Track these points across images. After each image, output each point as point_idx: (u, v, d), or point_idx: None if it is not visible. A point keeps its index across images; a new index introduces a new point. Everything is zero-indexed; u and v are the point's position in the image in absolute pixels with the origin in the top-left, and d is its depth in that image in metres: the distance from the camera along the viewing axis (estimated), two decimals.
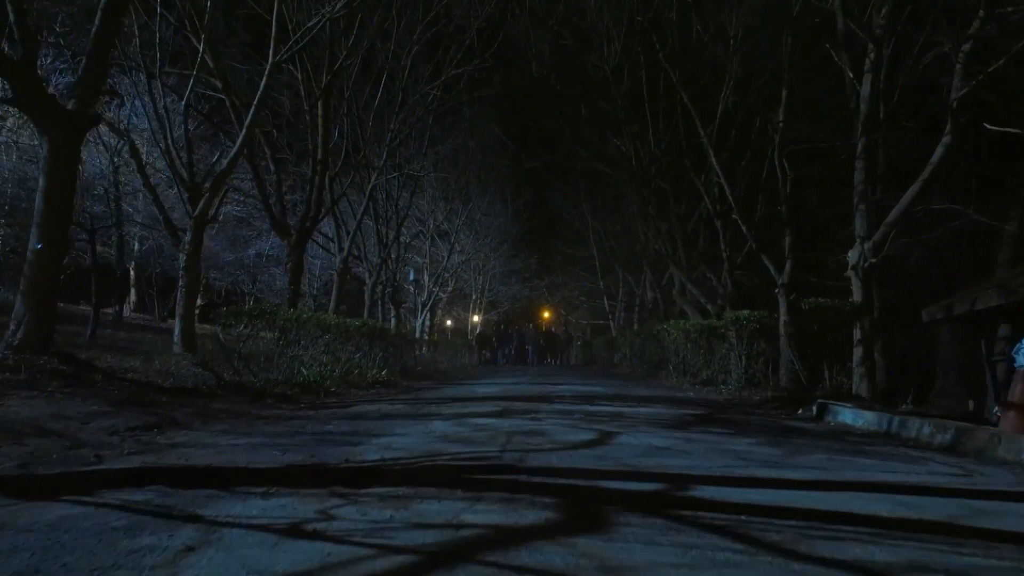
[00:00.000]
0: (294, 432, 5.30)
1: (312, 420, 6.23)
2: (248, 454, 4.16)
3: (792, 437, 5.26)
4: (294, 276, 15.29)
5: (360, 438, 4.84)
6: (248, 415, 6.82)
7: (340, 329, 10.94)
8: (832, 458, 4.24)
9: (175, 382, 8.82)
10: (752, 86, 18.03)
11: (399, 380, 13.21)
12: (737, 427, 5.82)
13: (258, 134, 16.22)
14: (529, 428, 5.21)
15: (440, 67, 18.69)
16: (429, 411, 6.85)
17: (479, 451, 4.15)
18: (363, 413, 6.81)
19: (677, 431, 5.22)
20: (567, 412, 6.60)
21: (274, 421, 6.19)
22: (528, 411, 6.61)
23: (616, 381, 13.68)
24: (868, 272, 12.80)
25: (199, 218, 12.20)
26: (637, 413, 6.57)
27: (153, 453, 4.32)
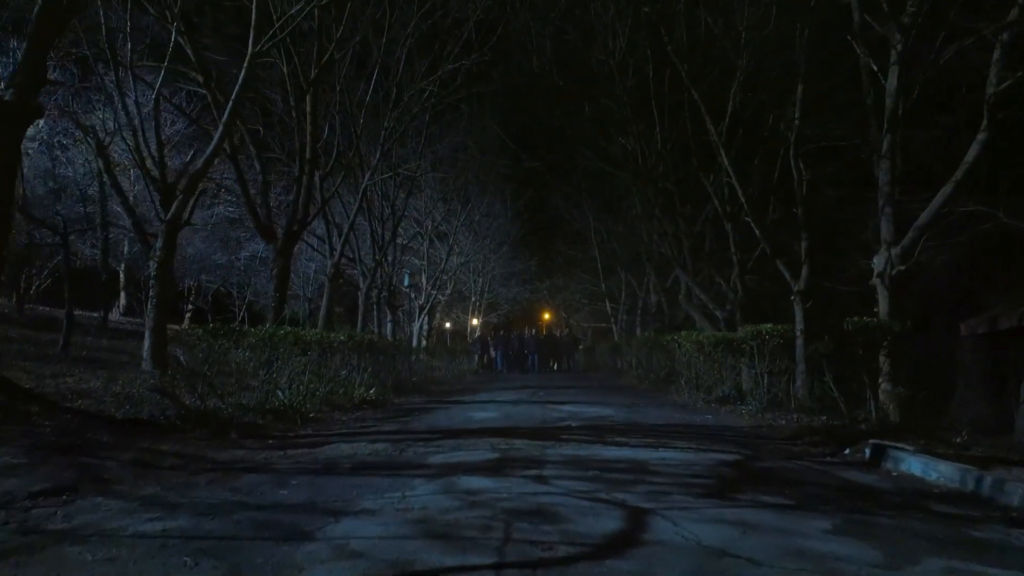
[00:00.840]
0: (235, 505, 4.08)
1: (269, 476, 5.00)
2: (145, 562, 2.95)
3: (871, 511, 4.04)
4: (280, 283, 14.06)
5: (314, 522, 3.62)
6: (198, 463, 5.60)
7: (323, 345, 9.73)
8: (952, 566, 3.03)
9: (130, 410, 7.60)
10: (763, 81, 16.77)
11: (390, 397, 11.98)
12: (791, 488, 4.61)
13: (243, 131, 15.00)
14: (534, 503, 3.98)
15: (437, 62, 17.44)
16: (413, 459, 5.63)
17: (467, 562, 2.93)
18: (334, 461, 5.58)
19: (725, 506, 4.00)
20: (578, 462, 5.38)
21: (223, 477, 4.97)
22: (531, 461, 5.38)
23: (625, 398, 12.45)
24: (896, 280, 11.60)
25: (172, 222, 10.98)
26: (664, 463, 5.34)
27: (24, 553, 3.11)
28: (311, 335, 9.43)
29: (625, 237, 26.63)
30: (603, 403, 11.18)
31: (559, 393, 13.28)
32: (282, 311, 14.11)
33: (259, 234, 14.70)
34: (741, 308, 17.25)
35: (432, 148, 23.11)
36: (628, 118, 17.70)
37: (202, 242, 24.42)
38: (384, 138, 17.27)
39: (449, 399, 12.27)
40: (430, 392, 14.45)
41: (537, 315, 38.98)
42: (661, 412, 9.89)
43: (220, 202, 23.76)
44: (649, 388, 14.65)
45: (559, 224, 29.37)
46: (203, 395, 7.77)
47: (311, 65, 14.25)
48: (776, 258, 15.28)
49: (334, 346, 10.04)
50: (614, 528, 3.46)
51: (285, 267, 14.25)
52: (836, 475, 5.29)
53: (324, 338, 9.70)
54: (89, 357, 14.08)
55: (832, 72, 16.24)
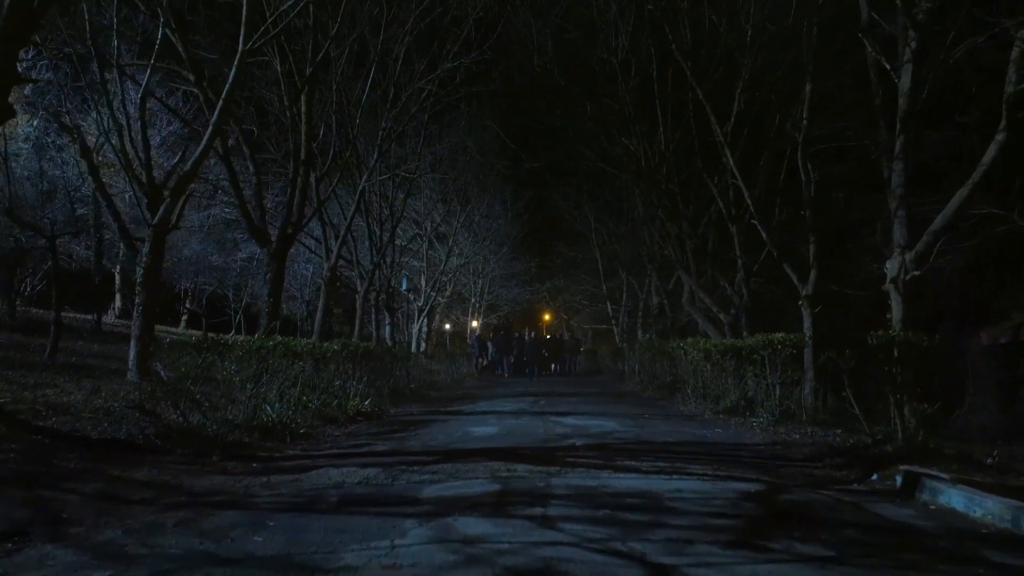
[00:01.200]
0: (201, 558, 3.55)
1: (246, 514, 4.47)
2: None
3: (923, 567, 3.52)
4: (274, 287, 13.53)
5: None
6: (171, 494, 5.07)
7: (315, 355, 9.20)
8: None
9: (107, 429, 7.06)
10: (769, 81, 16.24)
11: (386, 407, 11.46)
12: (826, 532, 4.09)
13: (237, 132, 14.46)
14: (540, 558, 3.45)
15: (436, 60, 16.91)
16: (405, 491, 5.10)
17: None
18: (320, 493, 5.05)
19: (759, 560, 3.48)
20: (587, 496, 4.85)
21: (195, 516, 4.43)
22: (535, 496, 4.85)
23: (629, 407, 11.92)
24: (910, 286, 11.08)
25: (159, 226, 10.44)
26: (681, 496, 4.81)
27: None
28: (302, 345, 8.90)
29: (626, 238, 26.12)
30: (607, 414, 10.65)
31: (561, 402, 12.75)
32: (276, 316, 13.59)
33: (252, 237, 14.16)
34: (747, 312, 16.74)
35: (431, 149, 22.60)
36: (631, 118, 17.16)
37: (199, 243, 23.90)
38: (382, 138, 16.73)
39: (448, 409, 11.75)
40: (428, 400, 13.93)
41: (537, 316, 38.42)
42: (669, 426, 9.36)
43: (216, 203, 23.20)
44: (654, 396, 14.12)
45: (560, 225, 28.91)
46: (185, 412, 7.25)
47: (307, 64, 13.72)
48: (783, 262, 14.76)
49: (327, 356, 9.51)
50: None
51: (279, 271, 13.72)
52: (871, 511, 4.76)
53: (316, 348, 9.17)
54: (77, 364, 13.55)
55: (838, 71, 15.73)
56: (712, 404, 11.25)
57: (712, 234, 19.37)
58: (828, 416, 9.72)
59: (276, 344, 8.28)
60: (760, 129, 16.76)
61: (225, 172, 22.03)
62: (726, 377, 11.14)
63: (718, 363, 11.23)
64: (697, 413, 11.07)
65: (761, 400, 10.06)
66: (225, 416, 7.62)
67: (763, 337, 9.96)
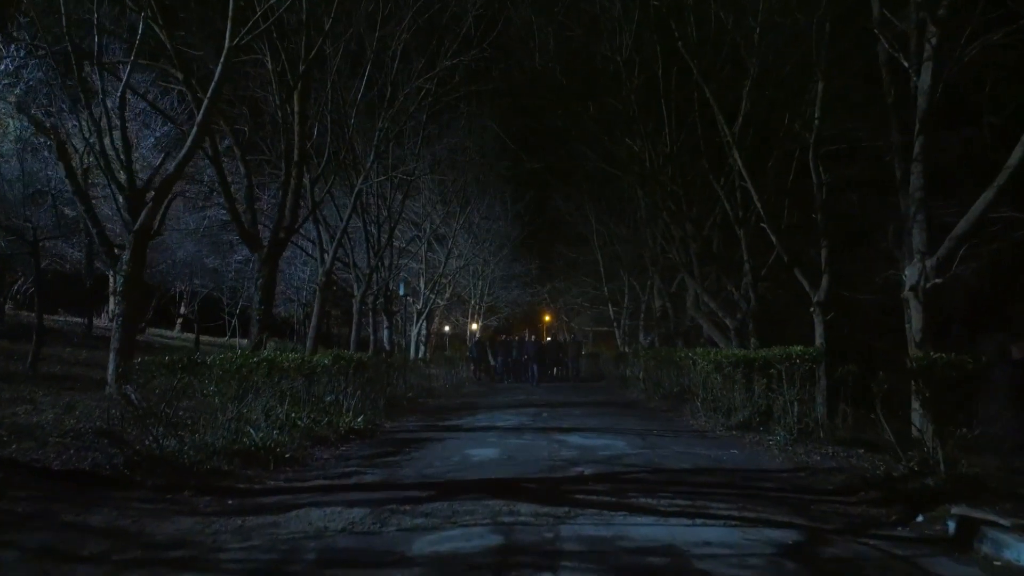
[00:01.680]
0: None
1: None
2: None
3: None
4: (266, 294, 12.83)
5: None
6: (126, 548, 4.37)
7: (304, 371, 8.51)
8: None
9: (71, 458, 6.35)
10: (778, 79, 15.53)
11: (381, 421, 10.77)
12: None
13: (226, 131, 13.76)
14: None
15: (434, 59, 16.19)
16: (393, 544, 4.40)
17: None
18: (296, 548, 4.35)
19: None
20: (602, 552, 4.16)
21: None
22: (542, 554, 4.16)
23: (636, 421, 11.23)
24: (931, 295, 10.41)
25: (141, 232, 9.74)
26: (709, 552, 4.13)
27: None
28: (290, 361, 8.20)
29: (628, 240, 25.44)
30: (614, 430, 9.97)
31: (565, 415, 12.05)
32: (268, 326, 12.90)
33: (243, 242, 13.46)
34: (754, 318, 16.06)
35: (431, 149, 21.90)
36: (635, 118, 16.45)
37: (193, 245, 23.16)
38: (379, 139, 16.02)
39: (446, 422, 11.06)
40: (426, 410, 13.25)
41: (538, 318, 37.70)
42: (680, 445, 8.68)
43: (212, 205, 22.48)
44: (660, 406, 13.43)
45: (560, 226, 28.19)
46: (158, 439, 6.56)
47: (300, 61, 13.02)
48: (793, 267, 14.09)
49: (317, 371, 8.82)
50: None
51: (271, 277, 13.02)
52: (928, 570, 4.08)
53: (305, 364, 8.48)
54: (60, 374, 12.88)
55: (847, 69, 15.03)
56: (723, 418, 10.57)
57: (717, 236, 18.69)
58: (848, 434, 9.06)
59: (260, 362, 7.59)
60: (768, 129, 16.07)
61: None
62: (738, 390, 10.46)
63: (729, 375, 10.55)
64: (708, 429, 10.39)
65: (777, 416, 9.38)
66: (204, 439, 6.93)
67: (781, 350, 9.28)
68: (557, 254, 29.96)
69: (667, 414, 12.32)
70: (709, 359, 11.01)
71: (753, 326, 16.16)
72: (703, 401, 11.26)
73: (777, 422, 9.37)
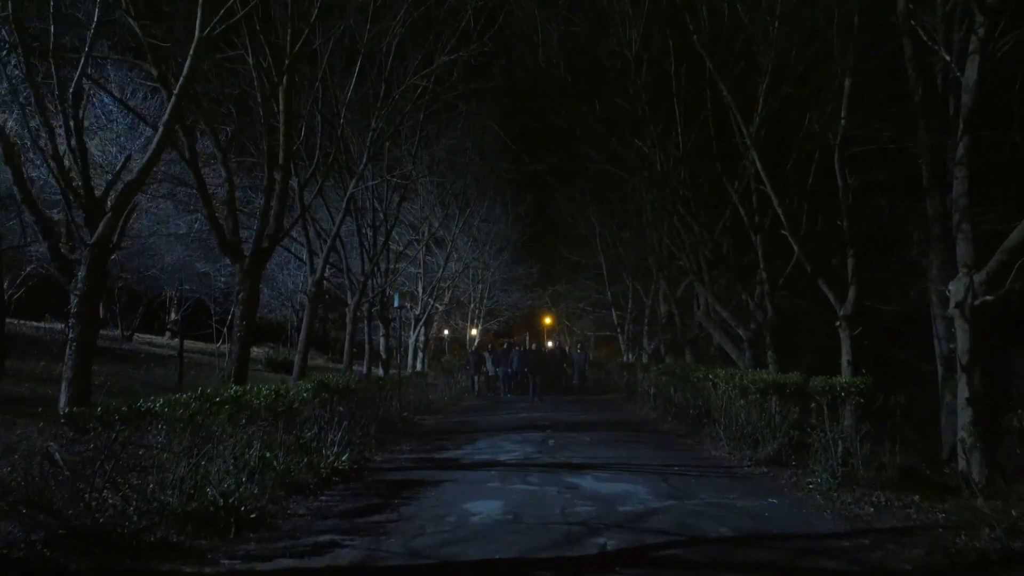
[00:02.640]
0: None
1: None
2: None
3: None
4: (247, 309, 11.53)
5: None
6: None
7: (280, 408, 7.22)
8: None
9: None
10: (795, 75, 14.23)
11: (371, 454, 9.50)
12: None
13: (207, 131, 12.44)
14: None
15: (432, 55, 14.86)
16: None
17: None
18: None
19: None
20: None
21: None
22: None
23: (654, 451, 9.95)
24: (979, 312, 9.12)
25: (99, 246, 8.42)
26: None
27: None
28: (262, 398, 6.91)
29: (632, 243, 24.17)
30: (631, 467, 8.69)
31: (573, 440, 10.77)
32: (250, 342, 11.62)
33: (223, 251, 12.16)
34: (771, 329, 14.82)
35: (429, 150, 20.59)
36: (646, 117, 15.14)
37: (184, 250, 21.85)
38: (372, 140, 14.71)
39: (442, 453, 9.78)
40: (422, 433, 11.99)
41: (539, 321, 36.36)
42: (710, 490, 7.41)
43: (202, 208, 21.12)
44: (675, 428, 12.15)
45: (562, 228, 26.87)
46: (91, 505, 5.29)
47: (285, 55, 11.70)
48: (817, 277, 12.83)
49: (293, 408, 7.53)
50: None
51: (253, 289, 11.72)
52: None
53: (281, 400, 7.18)
54: (21, 396, 11.61)
55: (867, 64, 13.74)
56: (750, 449, 9.31)
57: (727, 241, 17.41)
58: (894, 472, 7.81)
59: (222, 404, 6.30)
60: (785, 129, 14.79)
61: (207, 176, 20.07)
62: (766, 418, 9.19)
63: (756, 402, 9.28)
64: (734, 463, 9.12)
65: (815, 452, 8.11)
66: (152, 502, 5.64)
67: (822, 381, 7.99)
68: (559, 257, 28.68)
69: (684, 440, 11.04)
70: (733, 383, 9.74)
71: (770, 338, 14.90)
72: (725, 429, 9.99)
73: (815, 459, 8.11)
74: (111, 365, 16.60)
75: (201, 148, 19.14)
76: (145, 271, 20.86)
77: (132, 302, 21.54)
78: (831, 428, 7.76)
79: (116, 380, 14.56)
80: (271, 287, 23.38)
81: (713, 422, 10.70)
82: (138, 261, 20.97)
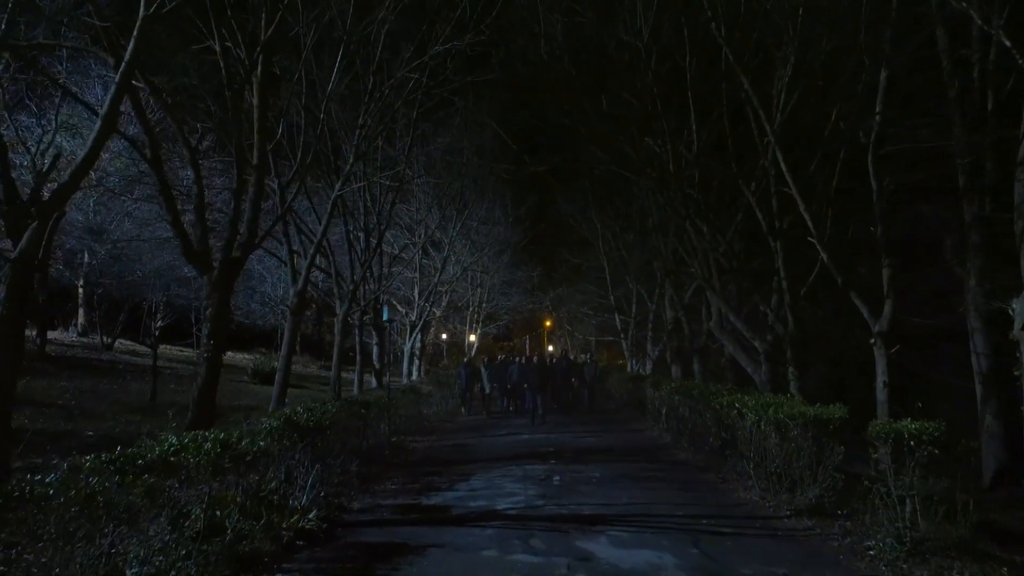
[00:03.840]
0: None
1: None
2: None
3: None
4: (216, 326, 10.06)
5: None
6: None
7: (224, 461, 5.71)
8: None
9: None
10: (821, 67, 12.74)
11: (349, 501, 8.01)
12: None
13: (176, 128, 10.94)
14: None
15: (425, 46, 13.33)
16: None
17: None
18: None
19: None
20: None
21: None
22: None
23: (676, 493, 8.46)
24: None
25: (22, 260, 6.94)
26: None
27: None
28: (202, 455, 5.41)
29: (636, 245, 22.69)
30: (652, 517, 7.22)
31: (580, 478, 9.26)
32: (218, 365, 10.13)
33: (188, 261, 10.65)
34: (793, 343, 13.34)
35: (425, 149, 19.08)
36: (658, 113, 13.62)
37: (170, 254, 20.33)
38: (360, 138, 13.19)
39: (432, 498, 8.27)
40: (411, 465, 10.50)
41: (540, 324, 34.77)
42: (751, 556, 5.95)
43: (185, 211, 19.58)
44: (693, 459, 10.62)
45: (564, 231, 25.36)
46: None
47: (258, 43, 10.20)
48: (849, 289, 11.35)
49: (241, 457, 6.02)
50: None
51: (223, 305, 10.23)
52: None
53: (225, 454, 5.67)
54: None
55: (901, 57, 12.22)
56: (787, 493, 7.82)
57: (738, 247, 15.90)
58: (967, 529, 6.33)
59: (147, 467, 4.80)
60: (806, 126, 13.26)
61: (198, 177, 18.53)
62: (806, 457, 7.71)
63: (795, 441, 7.79)
64: (770, 511, 7.65)
65: (871, 504, 6.63)
66: None
67: (885, 426, 6.49)
68: (560, 259, 27.16)
69: (706, 476, 9.54)
70: (766, 416, 8.23)
71: (791, 353, 13.42)
72: (756, 466, 8.49)
73: (871, 512, 6.64)
74: (83, 379, 15.13)
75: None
76: (126, 276, 19.38)
77: (113, 309, 20.03)
78: (896, 483, 6.27)
79: (83, 399, 13.09)
80: (259, 293, 21.86)
81: (739, 455, 9.21)
82: (119, 266, 19.50)
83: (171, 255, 20.45)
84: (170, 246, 20.10)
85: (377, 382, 18.98)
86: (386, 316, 12.69)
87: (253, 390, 17.34)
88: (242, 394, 16.89)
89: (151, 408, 13.10)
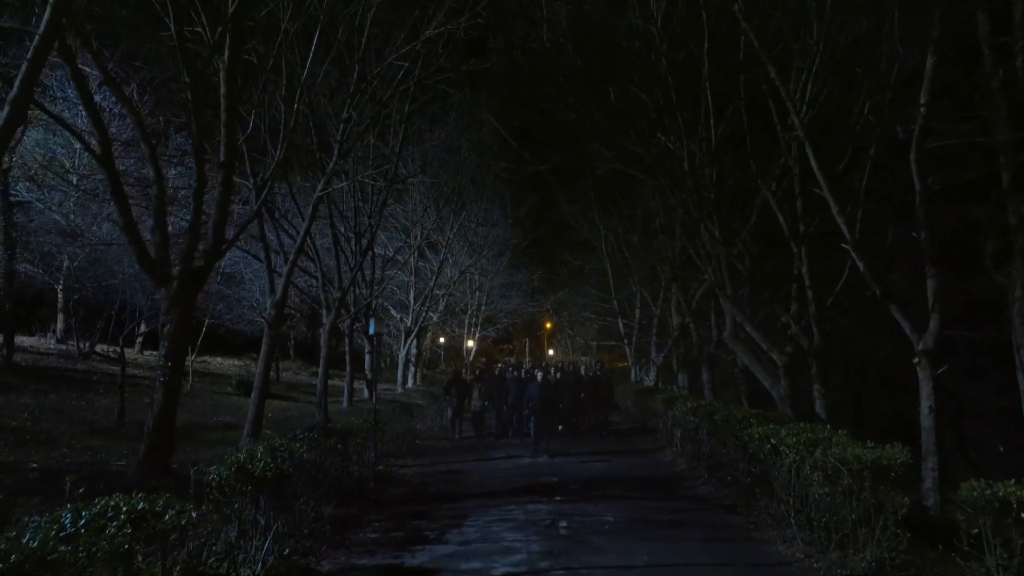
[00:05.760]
0: None
1: None
2: None
3: None
4: (174, 346, 8.60)
5: None
6: None
7: (137, 542, 4.26)
8: None
9: None
10: (846, 54, 11.34)
11: (315, 562, 6.54)
12: None
13: (136, 120, 9.46)
14: None
15: (416, 31, 11.85)
16: None
17: None
18: None
19: None
20: None
21: None
22: None
23: (704, 548, 6.98)
24: None
25: None
26: None
27: None
28: (104, 539, 3.96)
29: (641, 248, 21.27)
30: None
31: (593, 526, 7.78)
32: (178, 386, 8.67)
33: (145, 272, 9.18)
34: (818, 358, 11.92)
35: (420, 147, 17.60)
36: (673, 106, 12.15)
37: None
38: (345, 133, 11.71)
39: (416, 556, 6.79)
40: (396, 502, 9.02)
41: (539, 327, 33.26)
42: None
43: (171, 213, 18.13)
44: (716, 494, 9.15)
45: (565, 232, 23.89)
46: None
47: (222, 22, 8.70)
48: (889, 301, 9.89)
49: (179, 530, 4.57)
50: None
51: (183, 322, 8.75)
52: None
53: (134, 534, 4.20)
54: None
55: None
56: (837, 550, 6.37)
57: (754, 248, 14.45)
58: None
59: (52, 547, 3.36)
60: (829, 121, 11.81)
61: (177, 178, 17.04)
62: (861, 509, 6.26)
63: (849, 489, 6.34)
64: (819, 573, 6.19)
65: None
66: None
67: (980, 491, 5.04)
68: (562, 262, 25.68)
69: (735, 519, 8.06)
70: (812, 458, 6.77)
71: (817, 369, 12.00)
72: (796, 514, 7.03)
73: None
74: (50, 394, 13.61)
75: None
76: (105, 280, 17.89)
77: (91, 315, 18.55)
78: (995, 567, 4.82)
79: (43, 419, 11.58)
80: (247, 298, 20.36)
81: (773, 496, 7.74)
82: (98, 269, 18.01)
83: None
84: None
85: (369, 393, 17.53)
86: (372, 330, 11.21)
87: (235, 403, 15.85)
88: (222, 408, 15.41)
89: (117, 429, 11.63)
